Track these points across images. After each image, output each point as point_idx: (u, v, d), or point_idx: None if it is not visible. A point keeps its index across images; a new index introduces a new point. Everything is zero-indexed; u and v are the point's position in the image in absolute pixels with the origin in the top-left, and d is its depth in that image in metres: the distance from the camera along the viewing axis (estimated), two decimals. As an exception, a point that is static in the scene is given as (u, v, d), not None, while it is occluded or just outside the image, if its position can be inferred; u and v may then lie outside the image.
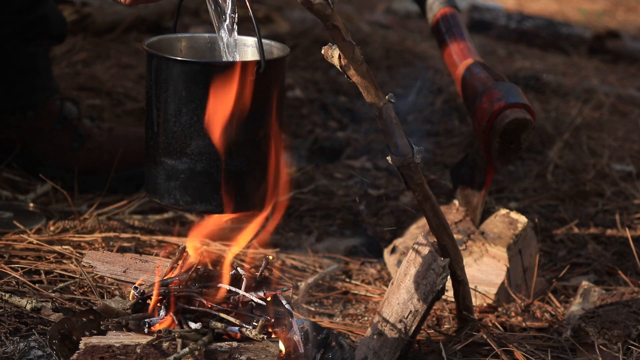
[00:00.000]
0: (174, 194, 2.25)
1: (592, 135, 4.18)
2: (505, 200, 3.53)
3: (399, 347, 2.37)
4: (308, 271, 2.97)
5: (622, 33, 5.91)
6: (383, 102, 2.25)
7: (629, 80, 5.19)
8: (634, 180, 3.76)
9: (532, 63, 5.22)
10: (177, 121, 2.21)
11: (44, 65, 3.33)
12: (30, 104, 3.27)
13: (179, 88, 2.20)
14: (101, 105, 3.90)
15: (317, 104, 4.29)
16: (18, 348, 2.31)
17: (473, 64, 2.92)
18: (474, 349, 2.53)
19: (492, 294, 2.81)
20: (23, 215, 2.98)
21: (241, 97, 2.20)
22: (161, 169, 2.24)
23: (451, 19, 3.04)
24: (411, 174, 2.35)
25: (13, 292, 2.53)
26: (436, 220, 2.45)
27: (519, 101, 2.77)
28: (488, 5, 5.99)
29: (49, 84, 3.32)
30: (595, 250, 3.19)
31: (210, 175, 2.24)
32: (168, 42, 2.39)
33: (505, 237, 2.85)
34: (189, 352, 2.05)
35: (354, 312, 2.80)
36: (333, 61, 2.20)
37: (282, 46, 2.34)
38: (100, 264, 2.35)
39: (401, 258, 2.94)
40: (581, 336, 2.60)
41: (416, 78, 4.65)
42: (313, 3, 2.05)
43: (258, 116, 2.23)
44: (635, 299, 2.69)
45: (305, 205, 3.35)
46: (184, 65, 2.22)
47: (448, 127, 4.19)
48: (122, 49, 4.50)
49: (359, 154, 3.89)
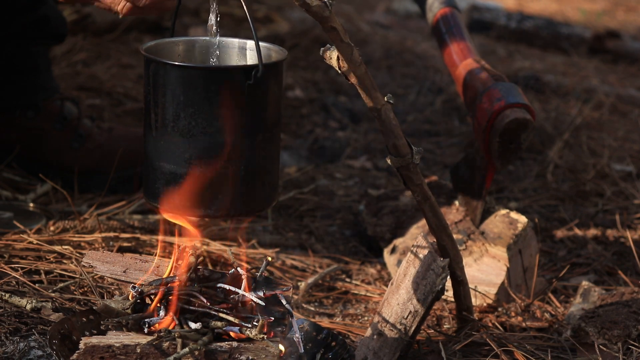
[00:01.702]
0: (173, 199, 2.25)
1: (592, 135, 4.18)
2: (505, 200, 3.53)
3: (399, 347, 2.38)
4: (308, 271, 2.97)
5: (622, 33, 5.92)
6: (382, 104, 2.25)
7: (629, 80, 5.19)
8: (634, 180, 3.76)
9: (532, 63, 5.22)
10: (175, 126, 2.21)
11: (45, 65, 3.33)
12: (30, 104, 3.27)
13: (177, 93, 2.20)
14: (101, 105, 3.90)
15: (317, 104, 4.30)
16: (18, 348, 2.31)
17: (473, 64, 2.92)
18: (473, 349, 2.53)
19: (492, 294, 2.81)
20: (23, 215, 2.99)
21: (239, 101, 2.20)
22: (160, 174, 2.24)
23: (451, 19, 3.04)
24: (410, 174, 2.35)
25: (13, 292, 2.53)
26: (435, 221, 2.45)
27: (519, 101, 2.77)
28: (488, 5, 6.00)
29: (49, 83, 3.32)
30: (595, 250, 3.19)
31: (208, 180, 2.24)
32: (165, 46, 2.39)
33: (505, 237, 2.85)
34: (189, 352, 2.05)
35: (354, 312, 2.80)
36: (332, 62, 2.20)
37: (280, 49, 2.34)
38: (100, 264, 2.36)
39: (401, 258, 2.94)
40: (581, 336, 2.60)
41: (416, 78, 4.65)
42: (311, 5, 2.05)
43: (256, 120, 2.23)
44: (635, 299, 2.69)
45: (305, 205, 3.35)
46: (181, 70, 2.22)
47: (448, 127, 4.19)
48: (122, 49, 4.50)
49: (359, 154, 3.89)
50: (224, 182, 2.24)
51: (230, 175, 2.23)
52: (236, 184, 2.24)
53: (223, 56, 2.42)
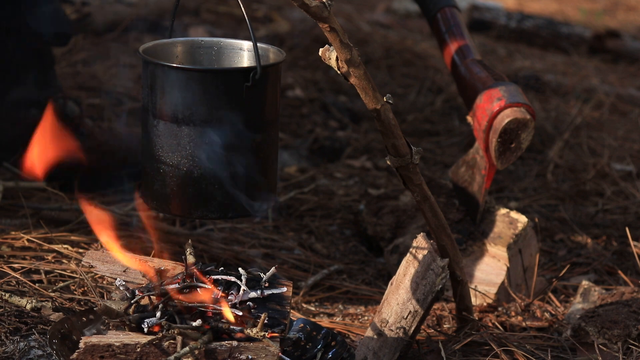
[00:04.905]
0: (170, 199, 2.25)
1: (592, 135, 4.18)
2: (505, 200, 3.53)
3: (399, 347, 2.38)
4: (308, 271, 2.97)
5: (622, 32, 5.91)
6: (381, 104, 2.24)
7: (629, 80, 5.19)
8: (634, 180, 3.76)
9: (532, 63, 5.22)
10: (173, 127, 2.21)
11: (48, 64, 3.33)
12: (33, 102, 3.27)
13: (175, 94, 2.20)
14: (101, 105, 3.90)
15: (317, 103, 4.29)
16: (18, 347, 2.31)
17: (473, 64, 2.92)
18: (473, 348, 2.53)
19: (492, 293, 2.81)
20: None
21: (237, 103, 2.20)
22: (158, 175, 2.24)
23: (451, 18, 3.04)
24: (410, 174, 2.35)
25: (13, 292, 2.53)
26: (435, 221, 2.45)
27: (519, 101, 2.77)
28: (488, 5, 5.99)
29: (52, 82, 3.32)
30: (595, 250, 3.19)
31: (207, 181, 2.24)
32: (164, 47, 2.39)
33: (505, 237, 2.85)
34: (189, 352, 2.05)
35: (354, 312, 2.80)
36: (330, 63, 2.20)
37: (278, 50, 2.34)
38: (100, 264, 2.35)
39: (401, 258, 2.94)
40: (581, 336, 2.60)
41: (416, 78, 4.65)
42: (310, 6, 2.05)
43: (255, 121, 2.23)
44: (635, 299, 2.69)
45: (305, 205, 3.35)
46: (179, 72, 2.22)
47: (448, 127, 4.19)
48: (122, 48, 4.50)
49: (359, 153, 3.89)
50: (222, 182, 2.24)
51: (229, 175, 2.23)
52: (235, 185, 2.24)
53: (222, 57, 2.42)
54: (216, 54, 2.42)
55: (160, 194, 2.26)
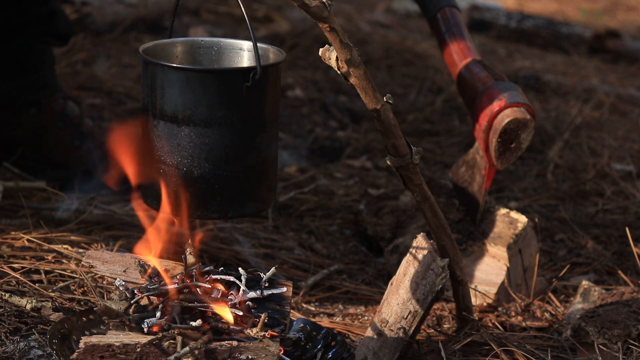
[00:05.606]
0: (170, 199, 2.25)
1: (592, 135, 4.18)
2: (505, 200, 3.53)
3: (399, 347, 2.38)
4: (308, 271, 2.97)
5: (622, 32, 5.91)
6: (381, 104, 2.24)
7: (629, 80, 5.19)
8: (634, 180, 3.76)
9: (532, 63, 5.22)
10: (173, 127, 2.21)
11: (49, 63, 3.33)
12: (33, 102, 3.27)
13: (175, 94, 2.20)
14: (101, 105, 3.90)
15: (317, 103, 4.29)
16: (18, 347, 2.31)
17: (473, 64, 2.92)
18: (473, 348, 2.53)
19: (492, 293, 2.81)
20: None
21: (237, 103, 2.20)
22: (157, 174, 2.24)
23: (451, 18, 3.04)
24: (410, 175, 2.35)
25: (13, 292, 2.53)
26: (435, 221, 2.45)
27: (519, 101, 2.77)
28: (488, 5, 6.00)
29: (52, 82, 3.32)
30: (595, 250, 3.19)
31: (207, 181, 2.24)
32: (164, 47, 2.39)
33: (505, 237, 2.85)
34: (189, 352, 2.05)
35: (354, 312, 2.80)
36: (330, 63, 2.20)
37: (278, 51, 2.34)
38: (100, 263, 2.35)
39: (401, 258, 2.94)
40: (581, 336, 2.60)
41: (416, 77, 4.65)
42: (310, 6, 2.05)
43: (254, 121, 2.23)
44: (635, 299, 2.69)
45: (305, 205, 3.35)
46: (179, 72, 2.22)
47: (448, 127, 4.19)
48: (122, 48, 4.50)
49: (359, 153, 3.89)
50: (222, 183, 2.24)
51: (229, 176, 2.23)
52: (235, 185, 2.24)
53: (221, 57, 2.42)
54: (216, 54, 2.42)
55: (159, 193, 2.26)
